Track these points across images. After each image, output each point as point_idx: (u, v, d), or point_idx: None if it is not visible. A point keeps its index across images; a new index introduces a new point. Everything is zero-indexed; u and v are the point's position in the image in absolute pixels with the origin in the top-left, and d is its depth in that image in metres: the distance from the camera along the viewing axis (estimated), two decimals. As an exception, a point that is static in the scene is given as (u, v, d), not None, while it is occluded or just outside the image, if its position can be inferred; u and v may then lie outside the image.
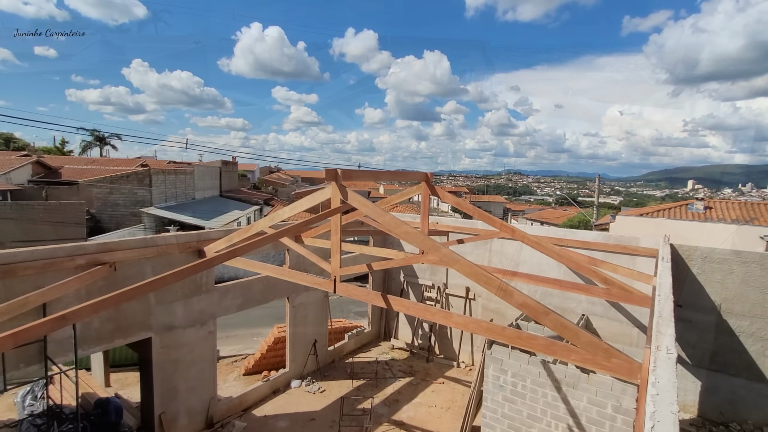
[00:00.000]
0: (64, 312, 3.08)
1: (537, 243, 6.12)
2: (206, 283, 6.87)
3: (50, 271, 4.96)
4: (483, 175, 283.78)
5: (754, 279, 6.48)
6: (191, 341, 6.68)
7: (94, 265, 5.31)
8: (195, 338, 6.74)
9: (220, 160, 32.69)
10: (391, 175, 7.80)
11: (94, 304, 3.19)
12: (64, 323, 3.07)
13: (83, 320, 5.00)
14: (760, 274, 6.45)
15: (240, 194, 32.33)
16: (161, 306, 6.24)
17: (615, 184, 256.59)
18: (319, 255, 6.09)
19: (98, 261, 5.36)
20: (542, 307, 3.38)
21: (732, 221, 15.37)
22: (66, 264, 5.08)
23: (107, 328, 5.62)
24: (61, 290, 4.78)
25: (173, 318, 6.42)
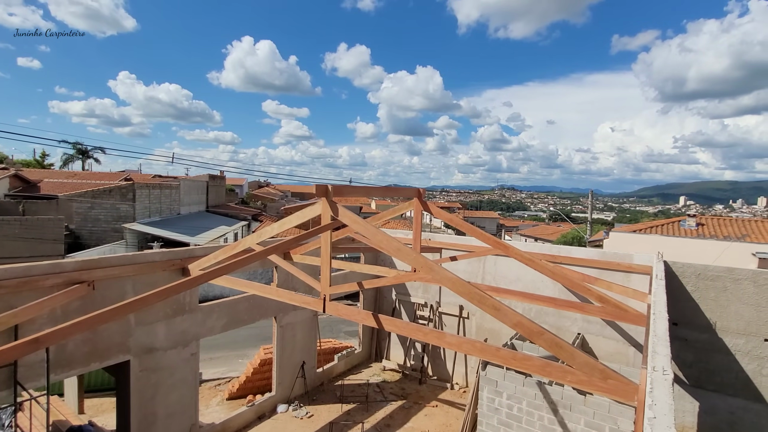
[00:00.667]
0: (38, 335, 2.98)
1: (530, 260, 6.16)
2: (190, 303, 6.73)
3: (24, 291, 4.83)
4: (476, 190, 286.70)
5: (748, 296, 6.58)
6: (172, 364, 6.50)
7: (71, 284, 5.18)
8: (176, 361, 6.55)
9: (207, 175, 32.55)
10: (383, 191, 7.83)
11: (71, 326, 3.10)
12: (37, 347, 2.97)
13: (58, 343, 4.84)
14: (753, 292, 6.55)
15: (227, 209, 32.09)
16: (141, 327, 6.09)
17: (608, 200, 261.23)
18: (309, 273, 6.04)
19: (76, 280, 5.23)
20: (537, 327, 3.38)
21: (724, 238, 15.69)
22: (41, 283, 4.94)
23: (83, 350, 5.44)
24: (35, 311, 4.64)
25: (154, 339, 6.26)
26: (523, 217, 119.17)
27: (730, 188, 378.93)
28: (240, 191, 47.99)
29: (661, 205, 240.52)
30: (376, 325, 4.54)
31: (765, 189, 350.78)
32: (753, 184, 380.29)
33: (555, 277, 6.20)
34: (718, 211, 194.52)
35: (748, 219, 19.14)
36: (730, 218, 20.03)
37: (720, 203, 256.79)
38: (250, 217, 30.36)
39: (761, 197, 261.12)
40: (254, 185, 56.36)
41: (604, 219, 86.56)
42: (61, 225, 17.20)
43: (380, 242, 4.27)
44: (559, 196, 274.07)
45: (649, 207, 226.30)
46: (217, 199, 33.80)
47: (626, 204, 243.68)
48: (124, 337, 5.88)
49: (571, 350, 3.23)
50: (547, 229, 52.12)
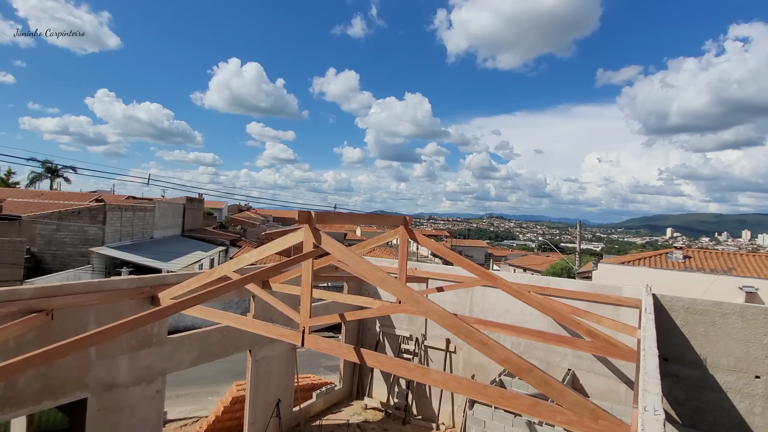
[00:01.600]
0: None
1: (519, 292, 6.19)
2: (158, 334, 6.46)
3: (-26, 320, 4.57)
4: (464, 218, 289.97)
5: (737, 331, 6.70)
6: (134, 402, 6.15)
7: (27, 312, 4.93)
8: (139, 398, 6.21)
9: (184, 197, 32.12)
10: (368, 219, 7.85)
11: (24, 360, 2.93)
12: (-18, 383, 2.79)
13: (8, 379, 4.55)
14: (742, 326, 6.68)
15: (204, 234, 31.53)
16: (102, 361, 5.79)
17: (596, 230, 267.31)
18: (288, 302, 5.90)
19: (33, 308, 4.98)
20: (525, 363, 3.35)
21: (711, 271, 16.13)
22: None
23: (35, 387, 5.12)
24: (-16, 342, 4.38)
25: (115, 375, 5.94)
26: (511, 247, 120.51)
27: (715, 221, 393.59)
28: (219, 215, 47.40)
29: (649, 237, 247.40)
30: (358, 360, 4.44)
31: (748, 222, 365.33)
32: (737, 217, 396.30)
33: (544, 310, 6.22)
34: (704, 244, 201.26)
35: (734, 252, 19.81)
36: (716, 251, 20.68)
37: (706, 236, 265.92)
38: (228, 243, 29.85)
39: (745, 230, 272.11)
40: (234, 209, 55.81)
41: (593, 250, 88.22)
42: (21, 248, 16.56)
43: (364, 272, 4.24)
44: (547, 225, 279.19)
45: (636, 238, 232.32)
46: (194, 223, 33.25)
47: (614, 235, 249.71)
48: (82, 372, 5.57)
49: (560, 388, 3.20)
50: (536, 259, 52.69)
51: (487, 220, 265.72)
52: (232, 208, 55.40)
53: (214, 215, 44.09)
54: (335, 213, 6.32)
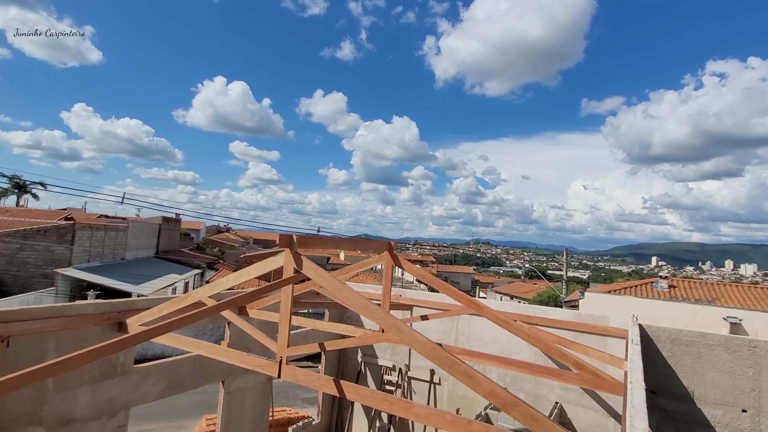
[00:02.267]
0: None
1: (505, 321, 6.18)
2: (123, 363, 6.18)
3: None
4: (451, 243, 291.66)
5: (722, 364, 6.80)
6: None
7: (-20, 339, 4.68)
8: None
9: (160, 217, 31.53)
10: (352, 244, 7.82)
11: (-30, 392, 2.75)
12: None
13: (-50, 413, 4.27)
14: (727, 359, 6.79)
15: (180, 256, 30.82)
16: (60, 393, 5.47)
17: (583, 257, 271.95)
18: (265, 330, 5.76)
19: (-13, 334, 4.73)
20: (511, 397, 3.32)
21: (695, 301, 16.50)
22: (-58, 338, 4.44)
23: (-18, 422, 4.79)
24: (-71, 372, 4.11)
25: (73, 408, 5.61)
26: (498, 273, 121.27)
27: (699, 250, 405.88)
28: (196, 236, 46.56)
29: (635, 265, 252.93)
30: (338, 393, 4.32)
31: (731, 252, 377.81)
32: (719, 247, 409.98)
33: (531, 341, 6.22)
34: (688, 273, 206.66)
35: (717, 282, 20.35)
36: (700, 281, 21.22)
37: (690, 265, 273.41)
38: (204, 265, 29.21)
39: (728, 260, 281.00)
40: (213, 230, 54.93)
41: (580, 277, 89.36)
42: (-21, 268, 15.85)
43: (346, 298, 4.19)
44: (534, 252, 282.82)
45: (623, 266, 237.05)
46: (170, 244, 32.53)
47: (601, 263, 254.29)
48: (37, 405, 5.24)
49: (547, 424, 3.17)
50: (522, 286, 53.00)
51: (473, 246, 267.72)
52: (210, 229, 54.52)
53: (191, 236, 43.29)
54: (318, 237, 6.26)
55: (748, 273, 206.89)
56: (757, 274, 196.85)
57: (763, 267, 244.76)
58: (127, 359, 6.25)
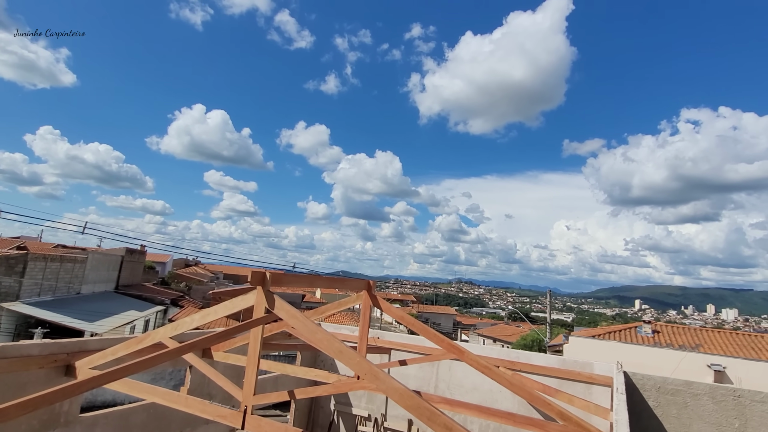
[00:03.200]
0: None
1: (487, 368, 6.10)
2: (68, 412, 5.73)
3: None
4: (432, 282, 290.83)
5: (708, 414, 6.82)
6: (24, 502, 5.26)
7: None
8: (31, 497, 5.33)
9: (124, 248, 30.50)
10: (329, 282, 7.69)
11: None
12: None
13: None
14: (713, 409, 6.82)
15: (142, 291, 29.62)
16: (-9, 447, 5.01)
17: (567, 299, 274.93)
18: (231, 375, 5.50)
19: None
20: (493, 452, 3.22)
21: (679, 347, 16.74)
22: None
23: None
24: None
25: (5, 465, 5.12)
26: (481, 315, 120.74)
27: (681, 294, 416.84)
28: (162, 269, 45.07)
29: (618, 308, 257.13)
30: (307, 447, 4.10)
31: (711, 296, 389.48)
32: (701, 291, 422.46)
33: (514, 389, 6.12)
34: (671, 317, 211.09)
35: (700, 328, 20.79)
36: (683, 326, 21.64)
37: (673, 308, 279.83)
38: (168, 302, 28.09)
39: (710, 304, 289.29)
40: (180, 263, 53.32)
41: (564, 320, 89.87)
42: None
43: (320, 342, 4.07)
44: (518, 293, 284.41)
45: (606, 309, 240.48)
46: (132, 278, 31.32)
47: (584, 305, 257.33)
48: (-39, 462, 4.76)
49: (531, 482, 3.07)
50: (506, 329, 52.81)
51: (455, 285, 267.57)
52: (177, 263, 52.90)
53: (156, 270, 41.87)
54: (293, 275, 6.15)
55: (729, 318, 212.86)
56: (738, 320, 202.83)
57: (743, 312, 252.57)
58: (73, 407, 5.81)
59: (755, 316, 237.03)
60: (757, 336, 20.15)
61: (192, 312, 27.61)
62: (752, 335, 20.42)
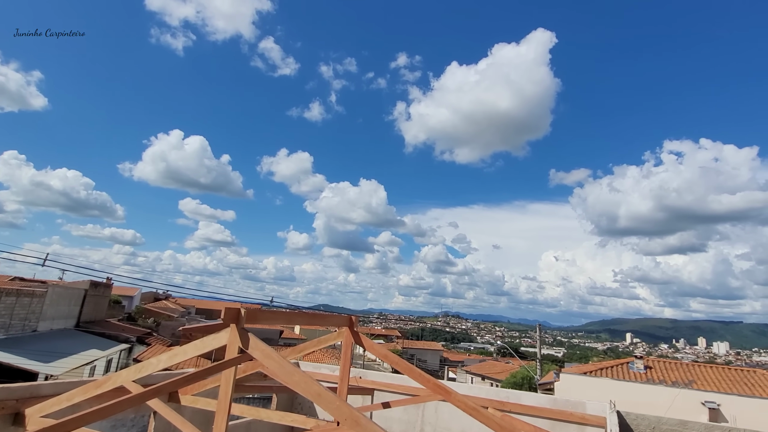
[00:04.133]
0: None
1: (475, 410, 5.96)
2: (13, 468, 5.33)
3: None
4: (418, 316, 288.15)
5: (705, 456, 6.77)
6: None
7: None
8: None
9: (88, 281, 29.45)
10: (309, 318, 7.53)
11: None
12: None
13: None
14: (709, 450, 6.78)
15: (106, 327, 28.45)
16: None
17: (557, 333, 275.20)
18: (199, 421, 5.23)
19: None
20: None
21: (672, 383, 16.78)
22: None
23: None
24: None
25: None
26: (469, 350, 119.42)
27: (672, 326, 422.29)
28: (129, 304, 43.57)
29: (609, 342, 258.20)
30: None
31: (702, 329, 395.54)
32: (691, 324, 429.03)
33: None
34: (663, 351, 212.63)
35: (693, 363, 20.98)
36: (676, 361, 21.80)
37: (664, 342, 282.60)
38: (134, 339, 27.01)
39: (701, 337, 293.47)
40: (149, 297, 51.73)
41: (554, 356, 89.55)
42: None
43: (297, 384, 3.94)
44: (507, 326, 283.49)
45: (597, 343, 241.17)
46: (96, 314, 30.12)
47: (575, 339, 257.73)
48: None
49: None
50: (494, 366, 52.22)
51: (442, 319, 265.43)
52: (146, 296, 51.29)
53: (123, 304, 40.43)
54: (270, 311, 6.04)
55: (720, 352, 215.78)
56: (730, 353, 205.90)
57: (734, 345, 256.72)
58: (18, 462, 5.40)
59: (746, 349, 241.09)
60: (750, 371, 20.40)
61: (160, 350, 26.49)
62: (745, 370, 20.68)
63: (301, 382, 3.89)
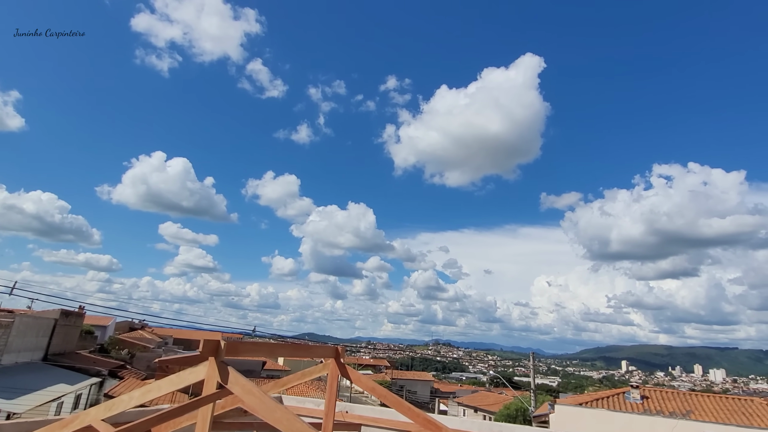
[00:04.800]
0: None
1: (468, 445, 5.84)
2: None
3: None
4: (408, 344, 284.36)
5: (706, 491, 6.67)
6: None
7: None
8: None
9: (59, 310, 28.54)
10: (293, 350, 7.37)
11: None
12: None
13: None
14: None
15: (76, 360, 27.46)
16: None
17: (551, 362, 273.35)
18: (173, 465, 5.00)
19: None
20: None
21: (670, 414, 16.67)
22: None
23: None
24: None
25: None
26: (460, 380, 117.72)
27: (667, 353, 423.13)
28: (102, 334, 42.25)
29: (605, 370, 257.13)
30: None
31: (698, 356, 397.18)
32: (686, 350, 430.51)
33: (497, 469, 5.84)
34: (659, 379, 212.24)
35: (690, 392, 20.93)
36: (672, 390, 21.73)
37: (660, 369, 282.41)
38: (106, 372, 26.06)
39: (697, 364, 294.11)
40: (124, 327, 50.26)
41: (549, 385, 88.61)
42: None
43: (279, 421, 3.82)
44: (500, 355, 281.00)
45: (593, 372, 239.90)
46: (66, 345, 29.11)
47: (570, 367, 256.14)
48: None
49: None
50: (487, 397, 51.48)
51: (433, 348, 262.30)
52: (121, 326, 49.81)
53: (95, 335, 39.16)
54: (251, 342, 5.86)
55: (717, 379, 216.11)
56: (727, 380, 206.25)
57: (730, 372, 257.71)
58: None
59: (743, 376, 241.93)
60: (748, 400, 20.40)
61: (133, 384, 25.51)
62: (742, 399, 20.67)
63: (283, 418, 3.77)
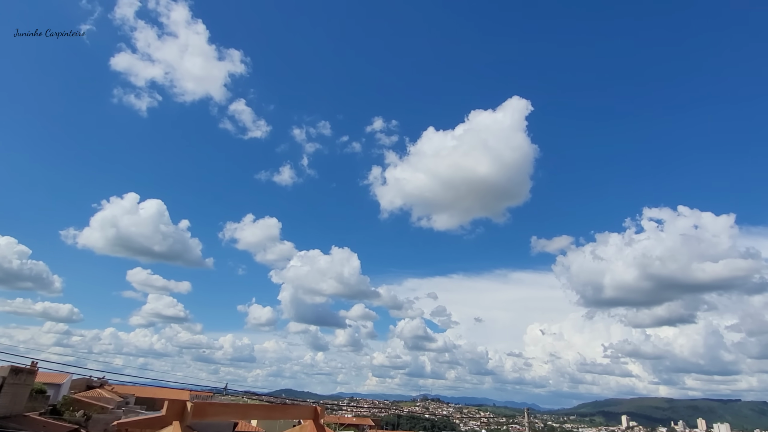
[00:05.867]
0: None
1: None
2: None
3: None
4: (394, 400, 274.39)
5: None
6: None
7: None
8: None
9: (8, 366, 26.92)
10: (267, 411, 7.04)
11: None
12: None
13: None
14: None
15: (23, 423, 25.64)
16: None
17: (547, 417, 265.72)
18: None
19: None
20: None
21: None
22: None
23: None
24: None
25: None
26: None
27: (668, 407, 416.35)
28: (55, 393, 39.82)
29: (605, 426, 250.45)
30: None
31: (700, 409, 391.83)
32: (688, 403, 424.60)
33: None
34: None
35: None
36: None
37: (662, 424, 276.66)
38: (57, 438, 24.33)
39: (700, 418, 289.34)
40: (81, 384, 47.56)
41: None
42: None
43: (249, 496, 3.56)
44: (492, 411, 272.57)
45: (592, 428, 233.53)
46: (13, 406, 27.22)
47: (567, 423, 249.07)
48: None
49: None
50: (481, 458, 49.34)
51: (421, 404, 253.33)
52: (77, 383, 47.11)
53: (48, 394, 36.88)
54: (221, 404, 5.61)
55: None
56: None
57: (735, 426, 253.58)
58: None
59: (748, 430, 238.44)
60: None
61: (87, 451, 23.80)
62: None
63: (255, 493, 3.52)
